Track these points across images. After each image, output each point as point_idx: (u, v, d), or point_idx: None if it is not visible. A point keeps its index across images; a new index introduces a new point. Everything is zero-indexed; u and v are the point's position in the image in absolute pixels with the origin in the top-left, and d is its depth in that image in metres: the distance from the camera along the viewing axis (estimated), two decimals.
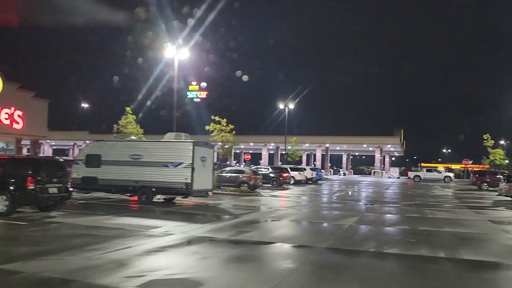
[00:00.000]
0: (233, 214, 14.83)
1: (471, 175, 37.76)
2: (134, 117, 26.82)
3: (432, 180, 50.62)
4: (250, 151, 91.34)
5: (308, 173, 38.96)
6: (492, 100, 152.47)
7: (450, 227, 12.79)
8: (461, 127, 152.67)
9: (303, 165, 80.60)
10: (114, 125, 26.70)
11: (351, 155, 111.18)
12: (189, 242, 9.33)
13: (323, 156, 73.16)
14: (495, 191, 32.86)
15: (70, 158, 37.40)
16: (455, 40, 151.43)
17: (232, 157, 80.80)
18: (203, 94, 63.06)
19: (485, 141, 44.76)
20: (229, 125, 25.46)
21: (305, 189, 30.75)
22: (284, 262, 7.96)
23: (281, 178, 31.97)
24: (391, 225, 13.26)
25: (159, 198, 17.74)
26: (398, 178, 66.41)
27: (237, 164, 69.47)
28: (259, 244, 9.28)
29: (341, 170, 74.68)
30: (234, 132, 25.15)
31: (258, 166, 38.88)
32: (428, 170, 55.13)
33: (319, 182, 42.54)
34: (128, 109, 26.67)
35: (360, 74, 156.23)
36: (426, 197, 26.27)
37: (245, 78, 49.52)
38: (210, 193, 18.07)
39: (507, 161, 46.66)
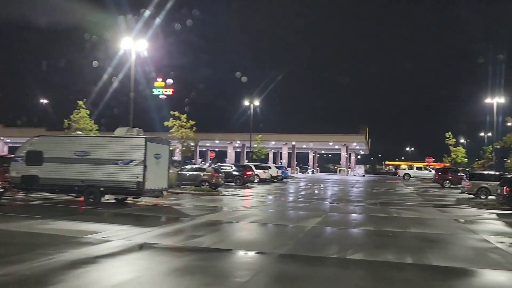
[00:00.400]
0: (188, 216, 13.66)
1: (434, 173, 38.13)
2: (88, 111, 25.09)
3: (422, 178, 51.32)
4: (216, 149, 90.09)
5: (273, 171, 38.12)
6: (454, 100, 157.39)
7: (416, 228, 12.15)
8: (424, 126, 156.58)
9: (270, 163, 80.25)
10: (65, 120, 24.87)
11: (318, 153, 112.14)
12: (128, 250, 8.11)
13: (289, 154, 72.78)
14: (458, 188, 33.14)
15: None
16: (420, 40, 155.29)
17: (198, 155, 79.55)
18: (169, 91, 61.40)
19: (447, 139, 45.39)
20: (189, 121, 24.19)
21: (269, 188, 29.87)
22: (233, 274, 6.90)
23: (245, 177, 30.92)
24: (355, 226, 12.48)
25: (108, 198, 16.31)
26: (363, 176, 66.90)
27: (203, 162, 67.99)
28: (208, 252, 8.19)
29: (309, 168, 74.32)
30: (194, 128, 23.94)
31: (221, 164, 37.70)
32: (418, 168, 56.25)
33: (284, 180, 41.80)
34: (80, 103, 24.88)
35: (326, 73, 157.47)
36: (390, 195, 25.97)
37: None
38: (165, 192, 16.79)
39: (466, 160, 47.46)
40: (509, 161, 66.81)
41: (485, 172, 25.86)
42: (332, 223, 12.90)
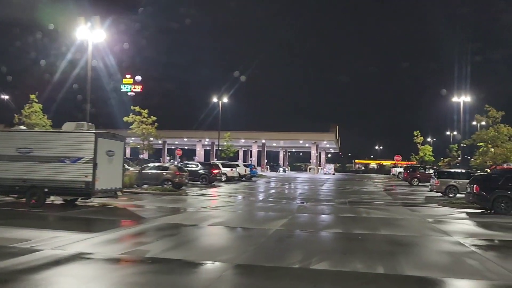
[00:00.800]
0: (142, 218, 12.42)
1: (403, 171, 38.09)
2: (41, 106, 23.23)
3: None
4: (186, 147, 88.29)
5: (242, 170, 37.09)
6: (423, 99, 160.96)
7: (387, 229, 11.37)
8: (393, 125, 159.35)
9: (240, 162, 79.24)
10: (16, 115, 22.95)
11: (289, 152, 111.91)
12: (53, 263, 6.84)
13: (259, 152, 71.96)
14: (426, 186, 33.10)
15: None
16: (389, 39, 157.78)
17: (165, 153, 77.62)
18: (138, 88, 59.44)
19: (415, 137, 45.60)
20: (151, 116, 22.78)
21: (237, 187, 28.80)
22: None
23: (211, 175, 29.76)
24: (323, 228, 11.58)
25: (54, 200, 14.82)
26: (333, 174, 66.88)
27: (172, 161, 66.20)
28: (150, 263, 7.04)
29: (279, 166, 73.56)
30: (156, 124, 22.56)
31: (187, 162, 36.34)
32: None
33: (253, 179, 40.86)
34: (33, 96, 22.99)
35: (298, 71, 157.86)
36: (360, 194, 25.43)
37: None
38: (119, 193, 15.41)
39: (433, 158, 47.89)
40: (473, 159, 68.48)
41: (454, 170, 25.69)
42: (298, 225, 11.95)
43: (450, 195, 23.27)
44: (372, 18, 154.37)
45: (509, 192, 15.68)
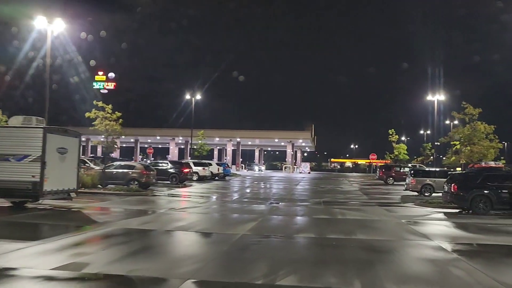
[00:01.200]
0: (95, 223, 11.13)
1: (378, 169, 37.70)
2: None
3: None
4: (160, 146, 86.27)
5: (214, 169, 35.90)
6: (398, 99, 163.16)
7: (363, 233, 10.48)
8: (368, 124, 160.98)
9: (215, 160, 77.90)
10: None
11: (265, 151, 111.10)
12: None
13: (234, 151, 70.90)
14: (401, 185, 32.70)
15: None
16: (364, 39, 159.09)
17: (138, 151, 75.56)
18: (111, 85, 57.48)
19: (390, 136, 45.43)
20: (116, 112, 21.34)
21: (208, 186, 27.62)
22: None
23: (182, 174, 28.49)
24: (294, 232, 10.57)
25: (2, 202, 13.35)
26: (309, 173, 66.41)
27: (144, 160, 64.27)
28: (84, 281, 5.87)
29: (255, 165, 72.45)
30: (121, 120, 21.14)
31: (156, 161, 34.88)
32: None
33: (227, 178, 39.73)
34: None
35: (274, 70, 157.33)
36: (335, 193, 24.69)
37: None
38: (73, 194, 14.05)
39: (408, 157, 47.89)
40: (445, 157, 69.30)
41: (430, 169, 25.27)
42: (268, 230, 10.93)
43: (426, 194, 22.81)
44: (350, 18, 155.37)
45: (487, 192, 15.13)
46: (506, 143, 72.96)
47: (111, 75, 56.73)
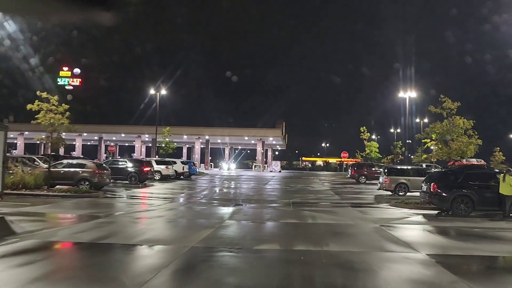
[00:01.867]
0: (10, 234, 9.03)
1: (349, 168, 36.57)
2: None
3: None
4: (126, 144, 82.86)
5: (179, 167, 33.80)
6: (369, 97, 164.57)
7: (337, 243, 8.86)
8: (339, 122, 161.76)
9: (183, 159, 75.41)
10: None
11: (235, 149, 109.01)
12: None
13: (202, 149, 68.75)
14: (373, 184, 31.57)
15: None
16: (336, 36, 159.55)
17: (102, 150, 72.20)
18: (77, 81, 54.74)
19: (361, 133, 44.54)
20: (63, 104, 19.01)
21: (170, 186, 25.59)
22: None
23: (142, 174, 26.35)
24: (255, 243, 8.81)
25: None
26: (280, 172, 65.05)
27: (109, 158, 61.19)
28: None
29: (224, 164, 70.38)
30: (68, 113, 18.81)
31: (114, 159, 32.49)
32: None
33: (192, 177, 37.70)
34: None
35: (244, 68, 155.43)
36: (305, 193, 23.17)
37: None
38: None
39: (379, 155, 47.18)
40: (415, 156, 69.35)
41: (405, 167, 24.14)
42: (224, 240, 9.13)
43: (400, 193, 21.64)
44: (320, 14, 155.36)
45: (469, 191, 13.89)
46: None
47: (77, 70, 54.16)
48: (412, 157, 67.86)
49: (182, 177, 34.72)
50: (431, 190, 14.44)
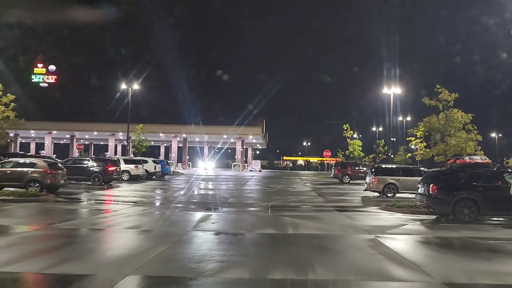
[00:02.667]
0: None
1: (332, 167, 34.74)
2: None
3: None
4: (101, 143, 79.30)
5: (150, 167, 31.32)
6: (352, 96, 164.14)
7: (325, 268, 6.69)
8: (321, 122, 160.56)
9: (160, 158, 72.53)
10: None
11: (216, 148, 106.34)
12: None
13: (180, 148, 66.24)
14: (358, 184, 29.80)
15: None
16: (319, 33, 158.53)
17: (74, 148, 68.83)
18: (52, 79, 52.08)
19: (344, 131, 42.87)
20: (8, 95, 16.46)
21: (138, 188, 23.16)
22: None
23: (106, 174, 23.84)
24: (216, 269, 6.58)
25: None
26: (260, 171, 63.02)
27: (71, 157, 57.91)
28: None
29: (202, 163, 67.79)
30: (13, 104, 16.28)
31: (75, 158, 29.82)
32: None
33: (166, 177, 35.28)
34: None
35: (226, 67, 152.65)
36: (286, 195, 21.11)
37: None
38: None
39: (363, 153, 45.58)
40: (397, 154, 68.21)
41: (394, 166, 22.33)
42: (175, 263, 6.88)
43: (389, 194, 19.84)
44: (305, 11, 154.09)
45: (473, 194, 12.04)
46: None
47: (52, 68, 51.61)
48: (392, 156, 66.91)
49: (154, 177, 32.30)
50: (430, 193, 12.54)
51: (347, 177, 31.48)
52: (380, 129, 71.96)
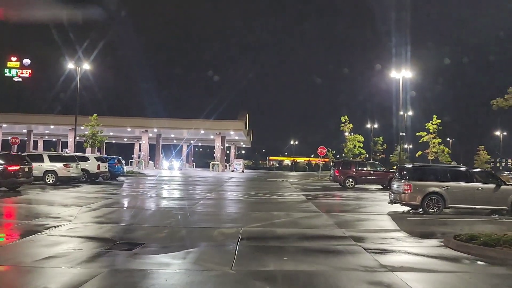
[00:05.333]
0: None
1: (332, 167, 27.27)
2: None
3: None
4: (62, 139, 70.72)
5: (93, 165, 23.61)
6: (341, 95, 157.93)
7: None
8: (308, 122, 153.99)
9: (135, 157, 64.53)
10: None
11: (198, 147, 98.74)
12: None
13: (152, 145, 58.56)
14: (366, 190, 22.65)
15: None
16: (311, 28, 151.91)
17: (31, 143, 60.54)
18: (27, 73, 46.75)
19: (342, 125, 35.70)
20: None
21: (51, 199, 15.45)
22: None
23: (6, 176, 16.14)
24: None
25: None
26: (243, 171, 55.64)
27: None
28: None
29: (174, 162, 59.82)
30: None
31: None
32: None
33: (120, 179, 27.64)
34: None
35: (214, 67, 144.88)
36: (270, 211, 13.51)
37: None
38: None
39: (365, 151, 38.32)
40: (393, 155, 61.55)
41: (438, 166, 15.13)
42: None
43: (431, 210, 12.70)
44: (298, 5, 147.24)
45: None
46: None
47: (26, 61, 46.58)
48: (391, 155, 60.12)
49: (100, 179, 24.68)
50: None
51: (351, 180, 24.15)
52: (376, 126, 65.37)
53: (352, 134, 36.57)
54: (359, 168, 24.57)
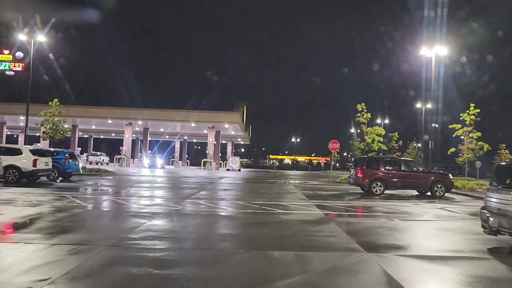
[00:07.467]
0: None
1: (352, 166, 20.61)
2: None
3: None
4: (39, 135, 64.37)
5: (26, 162, 17.36)
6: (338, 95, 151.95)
7: None
8: (309, 120, 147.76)
9: (54, 148, 58.41)
10: None
11: (195, 145, 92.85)
12: None
13: (139, 140, 52.35)
14: (404, 199, 16.37)
15: None
16: (311, 25, 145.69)
17: (4, 137, 54.47)
18: (19, 67, 41.69)
19: (358, 115, 29.40)
20: None
21: None
22: None
23: None
24: None
25: None
26: (239, 170, 49.45)
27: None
28: None
29: (156, 158, 52.78)
30: None
31: None
32: None
33: (74, 178, 21.42)
34: None
35: (215, 67, 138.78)
36: (265, 247, 7.16)
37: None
38: None
39: (385, 147, 31.82)
40: (405, 153, 55.35)
41: None
42: None
43: None
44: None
45: None
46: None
47: (19, 55, 41.26)
48: (403, 154, 53.84)
49: (45, 178, 18.50)
50: None
51: (379, 184, 17.77)
52: (386, 121, 59.42)
53: (367, 127, 30.16)
54: (390, 168, 18.16)
